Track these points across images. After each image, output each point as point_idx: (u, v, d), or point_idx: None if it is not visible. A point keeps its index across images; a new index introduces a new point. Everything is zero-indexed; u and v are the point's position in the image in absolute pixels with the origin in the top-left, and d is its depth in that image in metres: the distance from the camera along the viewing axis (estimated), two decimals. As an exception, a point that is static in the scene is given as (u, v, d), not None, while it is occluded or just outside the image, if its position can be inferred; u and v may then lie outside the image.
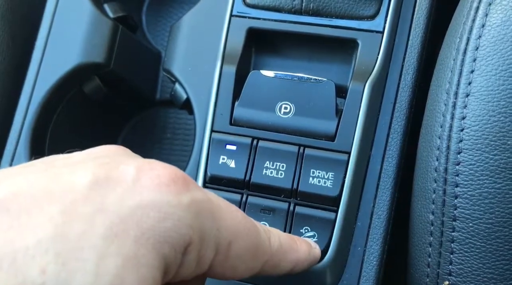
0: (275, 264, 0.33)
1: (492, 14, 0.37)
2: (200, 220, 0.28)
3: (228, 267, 0.30)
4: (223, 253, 0.29)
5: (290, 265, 0.35)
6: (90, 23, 0.49)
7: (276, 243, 0.33)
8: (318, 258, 0.38)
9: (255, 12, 0.45)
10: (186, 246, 0.27)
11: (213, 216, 0.29)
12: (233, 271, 0.31)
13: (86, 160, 0.28)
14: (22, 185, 0.25)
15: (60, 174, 0.26)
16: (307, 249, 0.36)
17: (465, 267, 0.37)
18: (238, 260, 0.30)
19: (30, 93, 0.49)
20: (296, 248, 0.35)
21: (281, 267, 0.34)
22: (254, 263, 0.32)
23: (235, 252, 0.30)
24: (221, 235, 0.29)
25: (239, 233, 0.30)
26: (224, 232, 0.29)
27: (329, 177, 0.40)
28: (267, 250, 0.32)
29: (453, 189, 0.37)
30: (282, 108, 0.42)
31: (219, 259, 0.29)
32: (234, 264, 0.30)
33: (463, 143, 0.36)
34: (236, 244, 0.30)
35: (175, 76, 0.48)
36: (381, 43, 0.43)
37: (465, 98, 0.37)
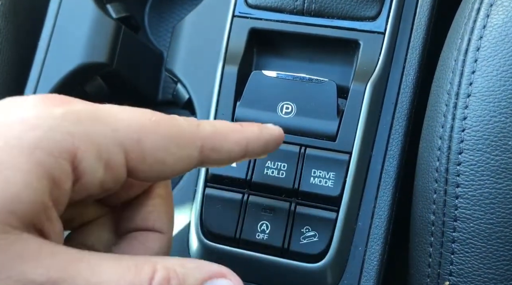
0: (216, 147, 0.32)
1: (493, 15, 0.37)
2: (82, 125, 0.27)
3: (153, 163, 0.29)
4: (135, 152, 0.29)
5: (238, 146, 0.33)
6: (92, 23, 0.49)
7: (207, 127, 0.32)
8: (278, 135, 0.36)
9: (257, 13, 0.45)
10: (71, 154, 0.26)
11: (102, 120, 0.28)
12: (162, 165, 0.30)
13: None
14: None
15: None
16: (256, 128, 0.34)
17: (465, 268, 0.37)
18: (160, 152, 0.29)
19: (33, 93, 0.49)
20: (241, 129, 0.34)
21: (225, 149, 0.32)
22: (183, 151, 0.30)
23: (150, 145, 0.29)
24: (121, 135, 0.28)
25: (146, 127, 0.29)
26: (124, 131, 0.28)
27: (330, 177, 0.40)
28: (194, 134, 0.31)
29: (454, 189, 0.37)
30: (284, 108, 0.42)
31: (134, 158, 0.29)
32: (157, 158, 0.29)
33: (464, 144, 0.36)
34: (147, 138, 0.29)
35: (177, 76, 0.48)
36: (383, 44, 0.43)
37: (466, 99, 0.37)
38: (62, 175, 0.26)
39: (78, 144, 0.27)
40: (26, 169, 0.25)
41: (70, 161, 0.27)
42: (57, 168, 0.26)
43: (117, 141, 0.28)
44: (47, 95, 0.28)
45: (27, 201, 0.25)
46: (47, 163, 0.26)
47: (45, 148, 0.26)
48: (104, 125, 0.28)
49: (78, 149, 0.27)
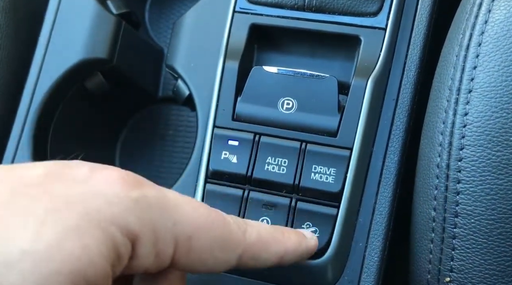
0: (254, 256, 0.33)
1: (495, 10, 0.37)
2: (151, 214, 0.29)
3: (194, 260, 0.31)
4: (184, 247, 0.30)
5: (275, 256, 0.34)
6: (93, 19, 0.49)
7: (253, 235, 0.33)
8: (312, 248, 0.37)
9: (258, 8, 0.45)
10: (135, 236, 0.28)
11: (167, 211, 0.29)
12: (203, 264, 0.31)
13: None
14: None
15: (17, 167, 0.29)
16: (296, 240, 0.36)
17: (466, 264, 0.37)
18: (205, 254, 0.31)
19: (33, 89, 0.49)
20: (282, 239, 0.35)
21: (263, 259, 0.34)
22: (225, 256, 0.32)
23: (198, 245, 0.30)
24: (178, 229, 0.30)
25: (201, 227, 0.30)
26: (181, 226, 0.30)
27: (331, 173, 0.40)
28: (239, 242, 0.32)
29: (455, 185, 0.37)
30: (285, 104, 0.42)
31: (181, 253, 0.30)
32: (200, 258, 0.31)
33: (465, 139, 0.36)
34: (197, 238, 0.30)
35: (177, 72, 0.48)
36: (384, 40, 0.43)
37: (468, 94, 0.37)
38: (125, 252, 0.28)
39: (143, 230, 0.28)
40: (102, 239, 0.26)
41: (132, 242, 0.28)
42: (123, 245, 0.27)
43: (173, 235, 0.30)
44: (124, 174, 0.29)
45: (98, 270, 0.26)
46: (117, 239, 0.27)
47: (119, 225, 0.27)
48: (167, 218, 0.29)
49: (142, 234, 0.28)
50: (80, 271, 0.25)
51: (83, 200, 0.27)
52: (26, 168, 0.28)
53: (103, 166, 0.30)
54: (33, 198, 0.26)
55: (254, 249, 0.33)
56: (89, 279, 0.26)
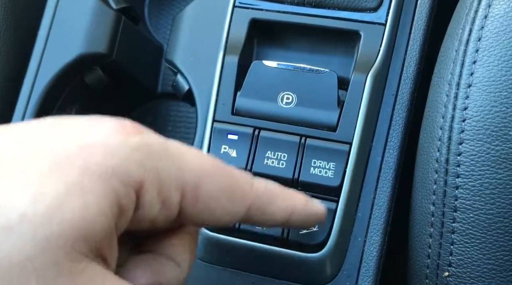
0: (263, 208, 0.32)
1: (495, 5, 0.37)
2: (153, 159, 0.28)
3: (202, 209, 0.30)
4: (191, 194, 0.29)
5: (283, 212, 0.33)
6: (92, 14, 0.49)
7: (261, 186, 0.32)
8: (321, 213, 0.35)
9: (258, 3, 0.45)
10: (139, 184, 0.27)
11: (171, 157, 0.29)
12: (211, 214, 0.30)
13: None
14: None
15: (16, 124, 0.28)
16: (304, 199, 0.34)
17: (465, 258, 0.37)
18: (212, 202, 0.30)
19: (32, 83, 0.49)
20: (290, 196, 0.34)
21: (271, 211, 0.32)
22: (233, 206, 0.31)
23: (206, 192, 0.29)
24: (184, 175, 0.29)
25: (207, 174, 0.30)
26: (187, 173, 0.29)
27: (330, 167, 0.40)
28: (247, 191, 0.31)
29: (454, 179, 0.37)
30: (284, 98, 0.42)
31: (188, 200, 0.29)
32: (208, 206, 0.30)
33: (464, 134, 0.36)
34: (205, 184, 0.29)
35: (177, 67, 0.48)
36: (384, 35, 0.43)
37: (467, 89, 0.37)
38: (129, 204, 0.27)
39: (147, 176, 0.27)
40: (103, 195, 0.25)
41: (136, 191, 0.27)
42: (126, 197, 0.26)
43: (179, 182, 0.29)
44: (122, 122, 0.29)
45: (99, 229, 0.25)
46: (119, 191, 0.26)
47: (120, 176, 0.26)
48: (171, 163, 0.28)
49: (146, 181, 0.27)
50: (81, 232, 0.24)
51: (84, 154, 0.26)
52: (24, 124, 0.28)
53: (101, 118, 0.29)
54: (34, 154, 0.26)
55: (262, 200, 0.32)
56: (91, 240, 0.25)
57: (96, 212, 0.25)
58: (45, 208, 0.24)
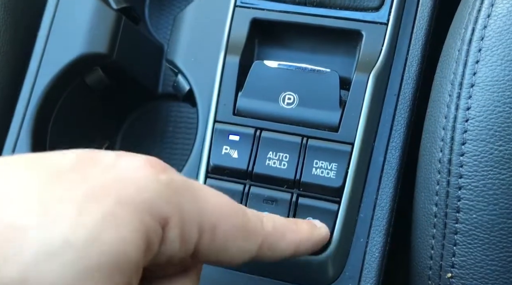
0: (273, 246, 0.33)
1: (498, 4, 0.37)
2: (179, 197, 0.28)
3: (218, 249, 0.30)
4: (208, 233, 0.30)
5: (291, 246, 0.34)
6: (93, 14, 0.49)
7: (269, 224, 0.34)
8: (325, 237, 0.38)
9: (259, 3, 0.45)
10: (166, 220, 0.28)
11: (194, 197, 0.29)
12: (225, 253, 0.31)
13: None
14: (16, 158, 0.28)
15: (49, 155, 0.28)
16: (309, 229, 0.36)
17: (468, 259, 0.36)
18: (228, 242, 0.31)
19: (32, 83, 0.48)
20: (296, 229, 0.35)
21: (280, 248, 0.34)
22: (246, 245, 0.32)
23: (222, 233, 0.30)
24: (204, 216, 0.30)
25: (224, 215, 0.31)
26: (207, 214, 0.30)
27: (332, 168, 0.40)
28: (259, 230, 0.32)
29: (457, 180, 0.36)
30: (286, 99, 0.42)
31: (205, 240, 0.30)
32: (223, 246, 0.31)
33: (467, 134, 0.36)
34: (222, 225, 0.30)
35: (178, 67, 0.47)
36: (386, 35, 0.42)
37: (470, 89, 0.36)
38: (156, 239, 0.27)
39: (173, 213, 0.28)
40: (136, 228, 0.26)
41: (164, 228, 0.28)
42: (154, 231, 0.27)
43: (199, 221, 0.29)
44: (149, 158, 0.29)
45: (133, 261, 0.26)
46: (149, 225, 0.27)
47: (151, 211, 0.27)
48: (195, 203, 0.29)
49: (172, 218, 0.28)
50: (117, 263, 0.25)
51: (118, 186, 0.27)
52: (58, 155, 0.28)
53: (128, 153, 0.30)
54: (71, 183, 0.26)
55: (272, 238, 0.33)
56: (126, 272, 0.25)
57: (131, 245, 0.26)
58: (86, 237, 0.24)
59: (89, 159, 0.28)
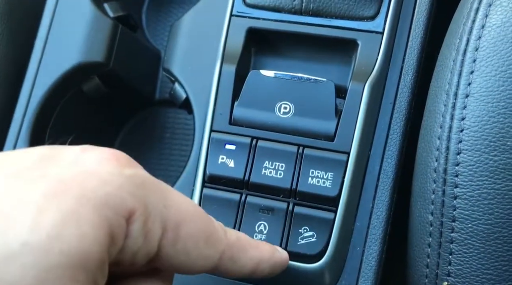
0: (234, 258, 0.33)
1: (492, 15, 0.37)
2: (144, 191, 0.28)
3: (180, 249, 0.30)
4: (172, 232, 0.30)
5: (252, 262, 0.34)
6: (90, 22, 0.49)
7: (233, 236, 0.33)
8: (285, 261, 0.37)
9: (255, 12, 0.45)
10: (130, 213, 0.27)
11: (159, 192, 0.29)
12: (187, 256, 0.31)
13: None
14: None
15: (10, 153, 0.28)
16: (270, 249, 0.36)
17: (464, 268, 0.37)
18: (190, 243, 0.30)
19: (29, 92, 0.48)
20: (257, 246, 0.35)
21: (241, 262, 0.34)
22: (208, 250, 0.31)
23: (185, 233, 0.30)
24: (168, 213, 0.29)
25: (189, 215, 0.30)
26: (171, 211, 0.30)
27: (328, 177, 0.40)
28: (222, 238, 0.32)
29: (453, 189, 0.37)
30: (282, 108, 0.42)
31: (168, 238, 0.29)
32: (186, 248, 0.30)
33: (462, 144, 0.36)
34: (185, 226, 0.30)
35: (174, 76, 0.48)
36: (381, 44, 0.43)
37: (465, 99, 0.37)
38: (120, 233, 0.27)
39: (137, 206, 0.28)
40: (98, 224, 0.26)
41: (128, 222, 0.28)
42: (118, 225, 0.27)
43: (163, 217, 0.29)
44: (115, 153, 0.29)
45: (96, 258, 0.25)
46: (112, 220, 0.26)
47: (113, 205, 0.27)
48: (160, 199, 0.29)
49: (136, 211, 0.28)
50: (79, 262, 0.25)
51: (78, 181, 0.26)
52: (18, 153, 0.28)
53: (93, 147, 0.29)
54: (29, 182, 0.26)
55: (234, 250, 0.33)
56: (88, 269, 0.25)
57: (93, 242, 0.25)
58: (45, 238, 0.24)
59: (51, 156, 0.28)
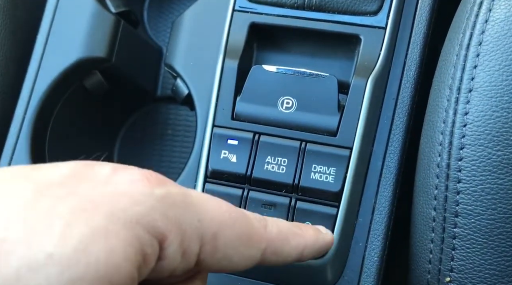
0: (277, 251, 0.33)
1: (495, 9, 0.37)
2: (176, 211, 0.28)
3: (220, 258, 0.30)
4: (209, 244, 0.29)
5: (296, 250, 0.34)
6: (92, 18, 0.49)
7: (274, 230, 0.33)
8: (330, 242, 0.37)
9: (257, 7, 0.45)
10: (162, 234, 0.27)
11: (192, 208, 0.29)
12: (228, 261, 0.31)
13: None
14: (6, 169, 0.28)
15: (41, 167, 0.28)
16: (314, 233, 0.36)
17: (466, 263, 0.36)
18: (230, 250, 0.30)
19: (31, 88, 0.48)
20: (301, 233, 0.35)
21: (285, 253, 0.33)
22: (249, 251, 0.31)
23: (224, 241, 0.30)
24: (204, 226, 0.29)
25: (225, 223, 0.30)
26: (207, 223, 0.29)
27: (331, 172, 0.40)
28: (262, 236, 0.32)
29: (455, 184, 0.36)
30: (284, 103, 0.42)
31: (207, 250, 0.29)
32: (226, 254, 0.30)
33: (465, 139, 0.36)
34: (223, 234, 0.30)
35: (176, 71, 0.47)
36: (384, 39, 0.43)
37: (468, 94, 0.37)
38: (152, 254, 0.27)
39: (170, 228, 0.28)
40: (128, 241, 0.26)
41: (160, 242, 0.27)
42: (149, 246, 0.27)
43: (199, 232, 0.29)
44: (146, 172, 0.29)
45: (124, 274, 0.25)
46: (144, 239, 0.26)
47: (145, 225, 0.26)
48: (193, 214, 0.29)
49: (169, 232, 0.28)
50: (105, 276, 0.25)
51: (109, 200, 0.26)
52: (50, 168, 0.28)
53: (125, 166, 0.29)
54: (58, 198, 0.26)
55: (276, 243, 0.33)
56: (115, 283, 0.25)
57: (121, 257, 0.25)
58: (71, 250, 0.24)
59: (82, 173, 0.28)
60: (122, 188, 0.27)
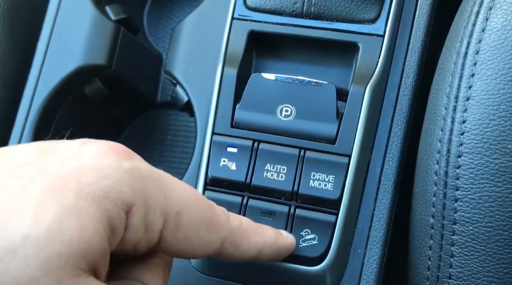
0: (236, 243, 0.34)
1: (492, 18, 0.37)
2: (143, 184, 0.29)
3: (181, 238, 0.31)
4: (172, 222, 0.30)
5: (255, 247, 0.35)
6: (91, 25, 0.49)
7: (235, 222, 0.34)
8: (290, 246, 0.38)
9: (256, 15, 0.45)
10: (129, 206, 0.28)
11: (158, 184, 0.30)
12: (188, 243, 0.31)
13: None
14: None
15: (8, 149, 0.29)
16: (274, 234, 0.36)
17: (465, 271, 0.37)
18: (191, 231, 0.31)
19: (32, 95, 0.49)
20: (261, 232, 0.36)
21: (244, 247, 0.34)
22: (210, 237, 0.32)
23: (186, 221, 0.31)
24: (168, 204, 0.30)
25: (189, 204, 0.31)
26: (171, 201, 0.30)
27: (330, 180, 0.40)
28: (223, 225, 0.33)
29: (453, 192, 0.37)
30: (283, 111, 0.42)
31: (169, 228, 0.30)
32: (187, 236, 0.31)
33: (463, 147, 0.36)
34: (186, 214, 0.31)
35: (176, 78, 0.48)
36: (382, 47, 0.43)
37: (466, 102, 0.37)
38: (120, 225, 0.28)
39: (136, 199, 0.28)
40: (98, 217, 0.27)
41: (128, 214, 0.28)
42: (117, 218, 0.28)
43: (163, 208, 0.30)
44: (114, 145, 0.30)
45: (96, 248, 0.26)
46: (112, 212, 0.27)
47: (113, 198, 0.27)
48: (159, 190, 0.30)
49: (135, 204, 0.28)
50: (80, 252, 0.26)
51: (77, 175, 0.27)
52: (17, 148, 0.29)
53: (92, 140, 0.30)
54: (28, 178, 0.26)
55: (236, 235, 0.34)
56: (89, 258, 0.26)
57: (92, 233, 0.26)
58: (46, 230, 0.25)
59: (50, 151, 0.28)
60: (90, 161, 0.28)
